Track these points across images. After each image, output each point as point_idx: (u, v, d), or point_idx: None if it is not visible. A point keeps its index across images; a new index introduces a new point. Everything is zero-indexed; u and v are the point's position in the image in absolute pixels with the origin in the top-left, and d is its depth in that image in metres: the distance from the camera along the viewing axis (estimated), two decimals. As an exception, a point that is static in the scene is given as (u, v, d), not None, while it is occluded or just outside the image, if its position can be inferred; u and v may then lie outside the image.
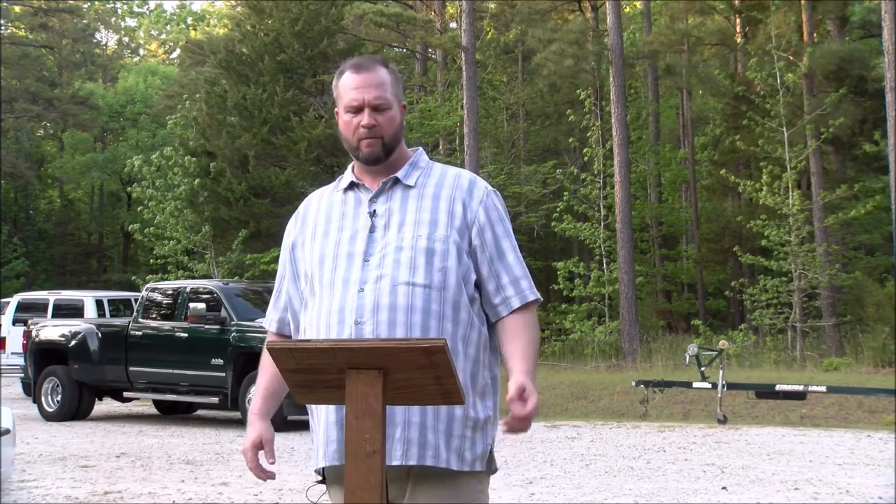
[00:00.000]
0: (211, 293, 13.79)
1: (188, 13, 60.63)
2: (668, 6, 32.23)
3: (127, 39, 60.21)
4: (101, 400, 15.19)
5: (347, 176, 2.79)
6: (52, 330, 15.24)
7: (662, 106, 34.88)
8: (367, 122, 2.67)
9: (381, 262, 2.63)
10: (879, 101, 21.57)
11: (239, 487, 8.59)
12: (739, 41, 28.90)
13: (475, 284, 2.68)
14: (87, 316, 19.08)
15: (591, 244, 25.68)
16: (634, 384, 14.98)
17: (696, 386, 14.12)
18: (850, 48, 24.89)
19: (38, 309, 20.35)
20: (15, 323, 19.90)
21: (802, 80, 23.80)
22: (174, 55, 58.14)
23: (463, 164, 23.12)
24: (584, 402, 15.72)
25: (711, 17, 30.46)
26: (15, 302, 21.22)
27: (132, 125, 46.70)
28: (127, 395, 14.64)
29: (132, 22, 60.32)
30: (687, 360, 14.86)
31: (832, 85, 23.89)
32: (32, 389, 14.98)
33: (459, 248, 2.66)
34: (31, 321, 16.06)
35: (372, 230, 2.68)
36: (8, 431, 6.96)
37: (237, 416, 13.78)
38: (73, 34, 48.09)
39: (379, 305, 2.59)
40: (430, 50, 33.09)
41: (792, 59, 23.67)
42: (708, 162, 31.05)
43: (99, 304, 20.16)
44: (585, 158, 26.74)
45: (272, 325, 2.89)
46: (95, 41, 54.26)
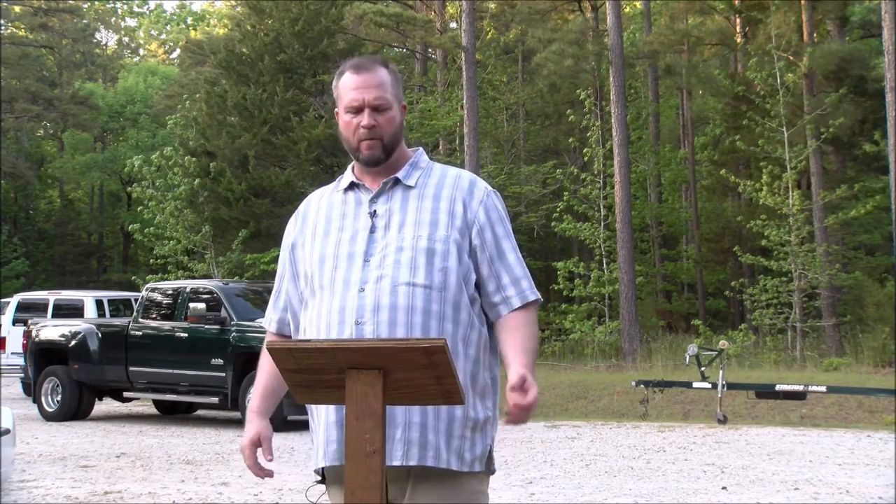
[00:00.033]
0: (211, 293, 13.79)
1: (188, 13, 60.64)
2: (668, 6, 32.23)
3: (127, 39, 60.22)
4: (101, 400, 15.19)
5: (347, 176, 2.79)
6: (52, 330, 15.24)
7: (662, 106, 34.87)
8: (367, 122, 2.67)
9: (381, 262, 2.63)
10: (879, 101, 21.57)
11: (239, 487, 8.59)
12: (739, 41, 28.89)
13: (475, 285, 2.68)
14: (87, 316, 19.08)
15: (591, 244, 25.67)
16: (634, 384, 14.97)
17: (696, 386, 14.12)
18: (850, 48, 24.89)
19: (38, 309, 20.36)
20: (15, 323, 19.91)
21: (802, 80, 23.80)
22: (174, 55, 58.14)
23: (463, 164, 23.11)
24: (584, 402, 15.72)
25: (711, 17, 30.45)
26: (15, 302, 21.22)
27: (132, 125, 46.71)
28: (127, 395, 14.64)
29: (132, 22, 60.37)
30: (687, 360, 14.86)
31: (832, 85, 23.89)
32: (32, 389, 14.97)
33: (460, 247, 2.65)
34: (31, 321, 16.06)
35: (372, 230, 2.67)
36: (8, 431, 6.96)
37: (237, 416, 13.78)
38: (73, 34, 48.09)
39: (379, 306, 2.59)
40: (430, 50, 33.09)
41: (792, 59, 23.67)
42: (708, 162, 31.04)
43: (99, 304, 20.17)
44: (585, 158, 26.74)
45: (272, 325, 2.89)
46: (95, 41, 54.26)
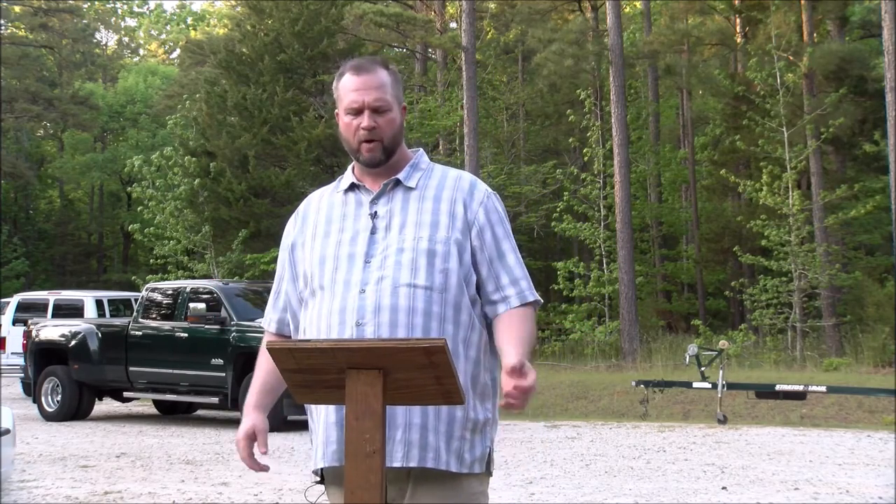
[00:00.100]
0: (211, 293, 13.79)
1: (188, 13, 60.65)
2: (668, 6, 32.23)
3: (127, 39, 60.22)
4: (101, 400, 15.19)
5: (348, 177, 2.78)
6: (52, 330, 15.24)
7: (662, 106, 34.87)
8: (367, 124, 2.67)
9: (382, 263, 2.62)
10: (879, 101, 21.57)
11: (239, 487, 8.59)
12: (739, 41, 28.89)
13: (475, 285, 2.68)
14: (87, 316, 19.08)
15: (591, 244, 25.67)
16: (634, 384, 14.98)
17: (696, 386, 14.12)
18: (850, 48, 24.89)
19: (38, 309, 20.36)
20: (15, 323, 19.91)
21: (802, 80, 23.80)
22: (174, 55, 58.14)
23: (463, 164, 23.12)
24: (584, 402, 15.73)
25: (711, 17, 30.45)
26: (15, 302, 21.23)
27: (132, 125, 46.71)
28: (127, 395, 14.64)
29: (132, 22, 60.37)
30: (687, 360, 14.86)
31: (832, 85, 23.89)
32: (32, 389, 14.97)
33: (461, 248, 2.65)
34: (31, 321, 16.06)
35: (373, 232, 2.67)
36: (8, 431, 6.96)
37: (237, 416, 13.77)
38: (73, 34, 48.09)
39: (380, 307, 2.59)
40: (430, 50, 33.09)
41: (792, 59, 23.67)
42: (708, 162, 31.04)
43: (99, 304, 20.17)
44: (585, 158, 26.74)
45: (271, 325, 2.89)
46: (95, 41, 54.27)
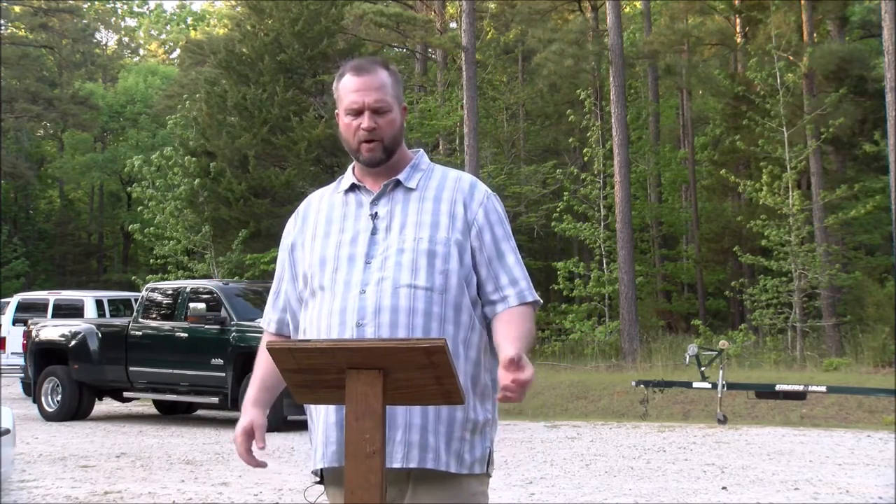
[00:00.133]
0: (211, 293, 13.79)
1: (188, 13, 60.64)
2: (668, 6, 32.22)
3: (127, 39, 60.22)
4: (101, 400, 15.19)
5: (348, 177, 2.78)
6: (52, 330, 15.24)
7: (662, 106, 34.87)
8: (367, 125, 2.67)
9: (382, 264, 2.62)
10: (879, 101, 21.57)
11: (239, 487, 8.59)
12: (739, 41, 28.88)
13: (475, 286, 2.68)
14: (87, 316, 19.08)
15: (591, 244, 25.67)
16: (634, 384, 14.98)
17: (696, 386, 14.12)
18: (850, 48, 24.88)
19: (38, 309, 20.36)
20: (15, 323, 19.91)
21: (802, 80, 23.80)
22: (174, 55, 58.14)
23: (463, 164, 23.12)
24: (584, 402, 15.72)
25: (711, 17, 30.45)
26: (15, 302, 21.23)
27: (132, 125, 46.70)
28: (127, 395, 14.64)
29: (132, 22, 60.37)
30: (687, 360, 14.86)
31: (832, 85, 23.88)
32: (32, 389, 14.97)
33: (461, 248, 2.65)
34: (31, 321, 16.06)
35: (373, 232, 2.67)
36: (8, 431, 6.96)
37: (237, 416, 13.74)
38: (73, 34, 48.08)
39: (381, 307, 2.58)
40: (430, 50, 33.09)
41: (792, 59, 23.66)
42: (708, 162, 31.04)
43: (99, 304, 20.17)
44: (585, 158, 26.74)
45: (271, 325, 2.89)
46: (95, 41, 54.26)
